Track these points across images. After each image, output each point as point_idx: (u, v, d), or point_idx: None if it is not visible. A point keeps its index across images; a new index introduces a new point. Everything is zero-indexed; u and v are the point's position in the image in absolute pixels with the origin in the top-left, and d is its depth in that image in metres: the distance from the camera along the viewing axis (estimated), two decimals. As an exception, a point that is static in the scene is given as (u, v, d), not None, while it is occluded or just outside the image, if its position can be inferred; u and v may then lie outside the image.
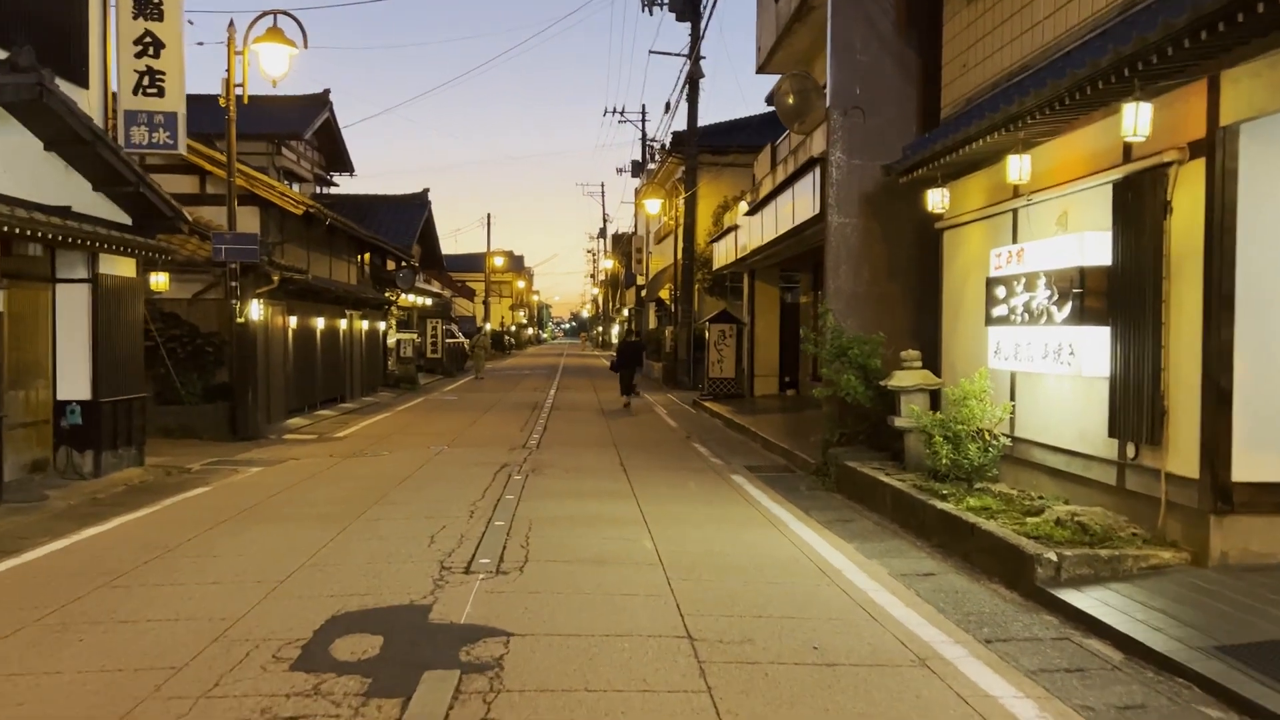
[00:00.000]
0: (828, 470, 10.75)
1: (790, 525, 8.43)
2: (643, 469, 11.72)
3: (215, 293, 15.49)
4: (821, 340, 11.32)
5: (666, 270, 33.05)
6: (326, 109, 31.88)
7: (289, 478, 11.04)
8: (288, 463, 12.46)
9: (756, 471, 11.82)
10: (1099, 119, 7.34)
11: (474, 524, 8.12)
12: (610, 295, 77.22)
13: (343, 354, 22.31)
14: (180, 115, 11.58)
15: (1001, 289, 8.40)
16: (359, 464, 12.32)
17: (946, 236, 10.50)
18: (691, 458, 13.21)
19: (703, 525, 8.29)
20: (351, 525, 8.13)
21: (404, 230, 32.36)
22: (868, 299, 11.57)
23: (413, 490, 10.01)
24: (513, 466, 11.76)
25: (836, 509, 9.34)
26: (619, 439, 15.21)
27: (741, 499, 9.80)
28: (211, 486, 10.49)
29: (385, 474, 11.22)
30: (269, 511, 8.91)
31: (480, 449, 13.74)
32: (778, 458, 13.26)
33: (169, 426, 14.73)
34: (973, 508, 7.52)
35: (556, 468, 11.74)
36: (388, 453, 13.47)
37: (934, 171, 9.70)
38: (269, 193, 16.79)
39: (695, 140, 28.44)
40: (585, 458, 12.80)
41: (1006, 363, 8.46)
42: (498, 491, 9.85)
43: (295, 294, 18.24)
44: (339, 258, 23.36)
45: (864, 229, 11.56)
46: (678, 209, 30.49)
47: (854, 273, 11.58)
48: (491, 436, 15.49)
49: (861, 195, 11.53)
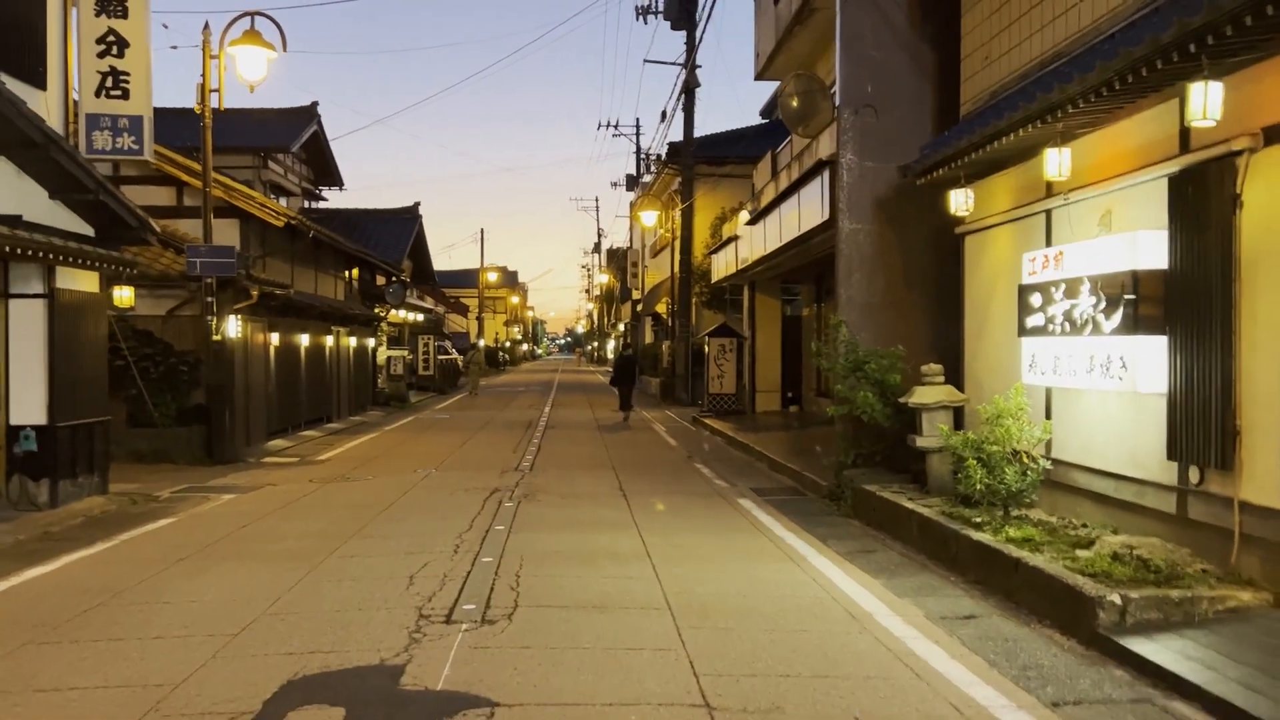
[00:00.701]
0: (842, 494, 9.99)
1: (809, 558, 7.65)
2: (643, 494, 10.95)
3: (191, 309, 14.71)
4: (834, 354, 10.57)
5: (663, 284, 32.34)
6: (314, 121, 31.18)
7: (262, 506, 10.25)
8: (264, 489, 11.66)
9: (764, 495, 11.05)
10: (1148, 107, 6.63)
11: (459, 561, 7.33)
12: (605, 310, 76.53)
13: (329, 372, 21.52)
14: (146, 119, 10.83)
15: (1037, 296, 7.67)
16: (339, 490, 11.52)
17: (969, 242, 9.78)
18: (694, 480, 12.43)
19: (713, 560, 7.51)
20: (323, 563, 7.34)
21: (394, 245, 31.63)
22: (882, 309, 10.83)
23: (394, 521, 9.22)
24: (504, 492, 10.97)
25: (856, 538, 8.58)
26: (617, 460, 14.43)
27: (752, 527, 9.02)
28: (177, 517, 9.69)
29: (366, 502, 10.43)
30: (235, 547, 8.11)
31: (470, 472, 12.95)
32: (785, 479, 12.49)
33: (141, 450, 13.92)
34: (1013, 539, 6.76)
35: (551, 493, 10.96)
36: (371, 477, 12.67)
37: (956, 171, 8.98)
38: (248, 204, 16.05)
39: (692, 151, 27.77)
40: (582, 481, 12.02)
41: (1043, 377, 7.71)
42: (487, 521, 9.06)
43: (277, 310, 17.46)
44: (325, 273, 22.60)
45: (877, 235, 10.84)
46: (674, 221, 29.80)
47: (867, 282, 10.84)
48: (482, 458, 14.70)
49: (874, 199, 10.81)
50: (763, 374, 21.28)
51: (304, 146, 31.51)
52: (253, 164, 28.37)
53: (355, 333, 24.23)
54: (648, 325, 41.14)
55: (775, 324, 21.38)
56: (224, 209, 16.42)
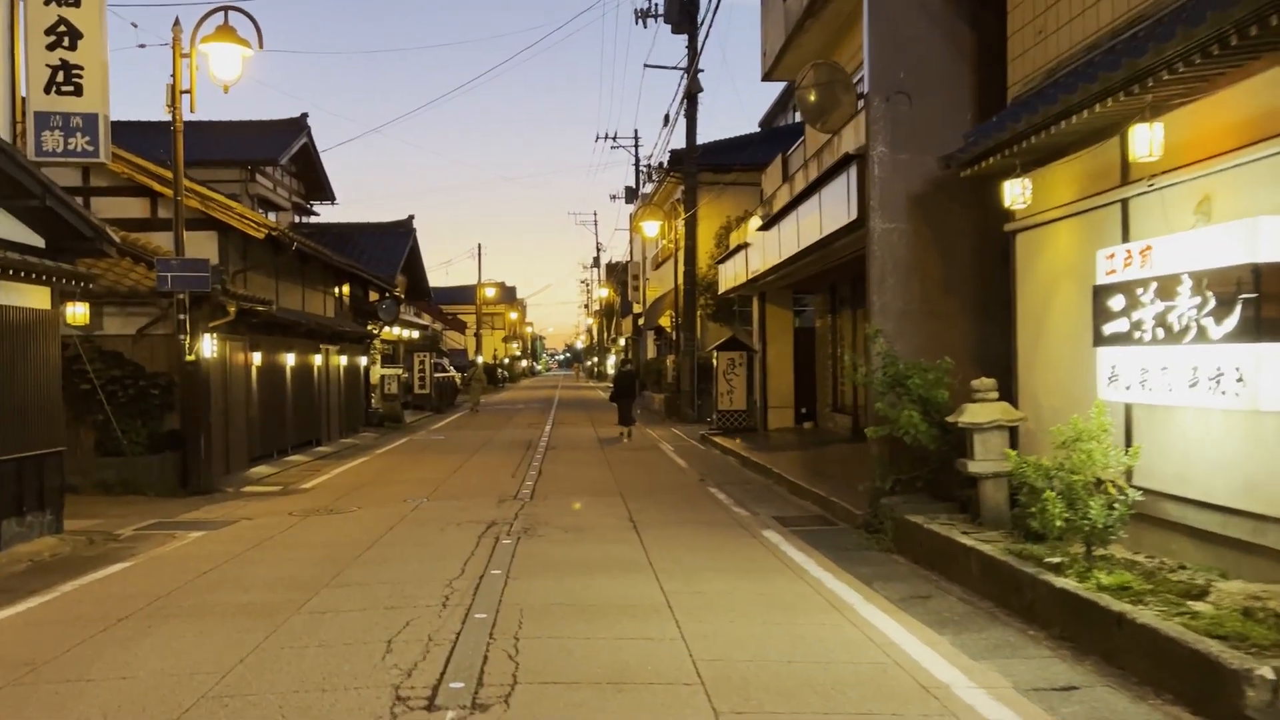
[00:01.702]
0: (881, 525, 8.89)
1: (856, 607, 6.56)
2: (656, 525, 9.85)
3: (164, 328, 13.62)
4: (868, 368, 9.49)
5: (666, 296, 31.30)
6: (304, 133, 30.18)
7: (231, 546, 9.14)
8: (238, 524, 10.57)
9: (790, 525, 9.95)
10: (1260, 70, 5.58)
11: (448, 618, 6.22)
12: (605, 325, 75.45)
13: (318, 393, 20.43)
14: (102, 117, 9.79)
15: (1118, 299, 6.59)
16: (319, 526, 10.42)
17: (1021, 240, 8.72)
18: (710, 508, 11.33)
19: (746, 612, 6.41)
20: (288, 622, 6.24)
21: (387, 259, 30.55)
22: (920, 317, 9.76)
23: (376, 564, 8.11)
24: (501, 526, 9.87)
25: (905, 579, 7.48)
26: (625, 485, 13.33)
27: (783, 566, 7.92)
28: (134, 561, 8.59)
29: (348, 539, 9.33)
30: (190, 599, 7.01)
31: (465, 501, 11.85)
32: (810, 505, 11.39)
33: (108, 481, 12.82)
34: (1107, 586, 5.66)
35: (554, 526, 9.86)
36: (357, 508, 11.57)
37: (1011, 159, 7.92)
38: (227, 215, 15.00)
39: (695, 158, 26.77)
40: (588, 511, 10.93)
41: (1127, 393, 6.63)
42: (481, 563, 7.95)
43: (260, 328, 16.39)
44: (314, 289, 21.54)
45: (913, 235, 9.78)
46: (677, 231, 28.79)
47: (903, 287, 9.78)
48: (479, 484, 13.60)
49: (909, 196, 9.76)
50: (774, 389, 20.19)
51: (293, 159, 30.51)
52: (239, 178, 27.33)
53: (346, 351, 23.16)
54: (650, 340, 40.08)
55: (787, 336, 20.30)
56: (201, 220, 15.37)
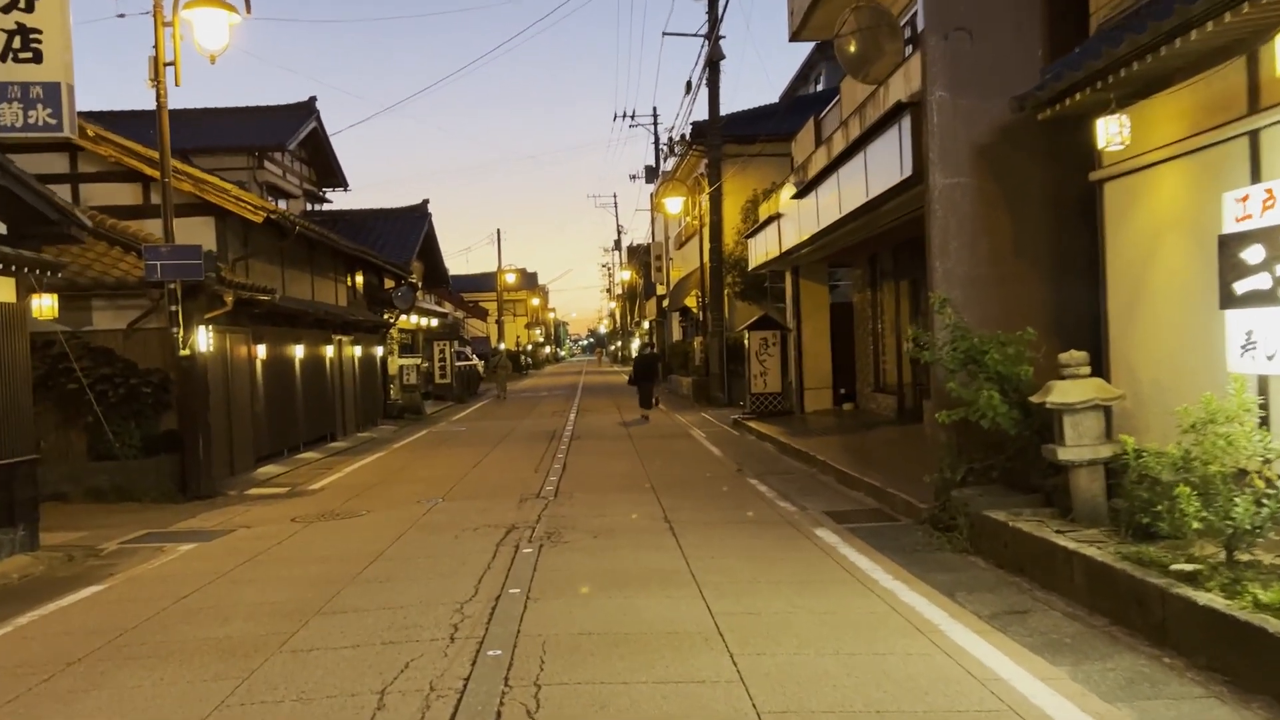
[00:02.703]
0: (953, 521, 7.78)
1: (943, 627, 5.47)
2: (695, 526, 8.79)
3: (156, 321, 12.66)
4: (930, 342, 8.34)
5: (692, 275, 30.16)
6: (313, 117, 29.28)
7: (221, 562, 8.17)
8: (234, 534, 9.61)
9: (845, 522, 8.87)
10: None
11: (455, 656, 5.19)
12: (628, 309, 74.34)
13: (331, 385, 19.49)
14: (65, 87, 8.76)
15: (1256, 250, 5.42)
16: (322, 535, 9.43)
17: (1112, 190, 7.55)
18: (754, 502, 10.25)
19: (813, 639, 5.33)
20: (267, 665, 5.23)
21: (402, 245, 29.59)
22: (988, 283, 8.61)
23: (378, 584, 7.09)
24: (522, 531, 8.84)
25: (992, 588, 6.38)
26: (656, 478, 12.27)
27: (848, 575, 6.84)
28: (110, 583, 7.64)
29: (350, 551, 8.32)
30: (159, 634, 6.02)
31: (483, 501, 10.83)
32: (863, 497, 10.29)
33: (101, 488, 11.91)
34: (1268, 605, 4.55)
35: (580, 530, 8.81)
36: (365, 512, 10.58)
37: (1104, 93, 6.75)
38: (222, 198, 14.02)
39: (719, 129, 25.56)
40: (617, 509, 9.87)
41: (1270, 364, 5.47)
42: (498, 580, 6.92)
43: (263, 319, 15.44)
44: (324, 277, 20.57)
45: (978, 191, 8.62)
46: (701, 207, 27.60)
47: (968, 250, 8.63)
48: (499, 482, 12.58)
49: (973, 147, 8.60)
50: (811, 369, 19.04)
51: (303, 145, 29.63)
52: (247, 164, 26.47)
53: (360, 341, 22.21)
54: (675, 321, 38.96)
55: (823, 313, 19.12)
56: (196, 205, 14.41)
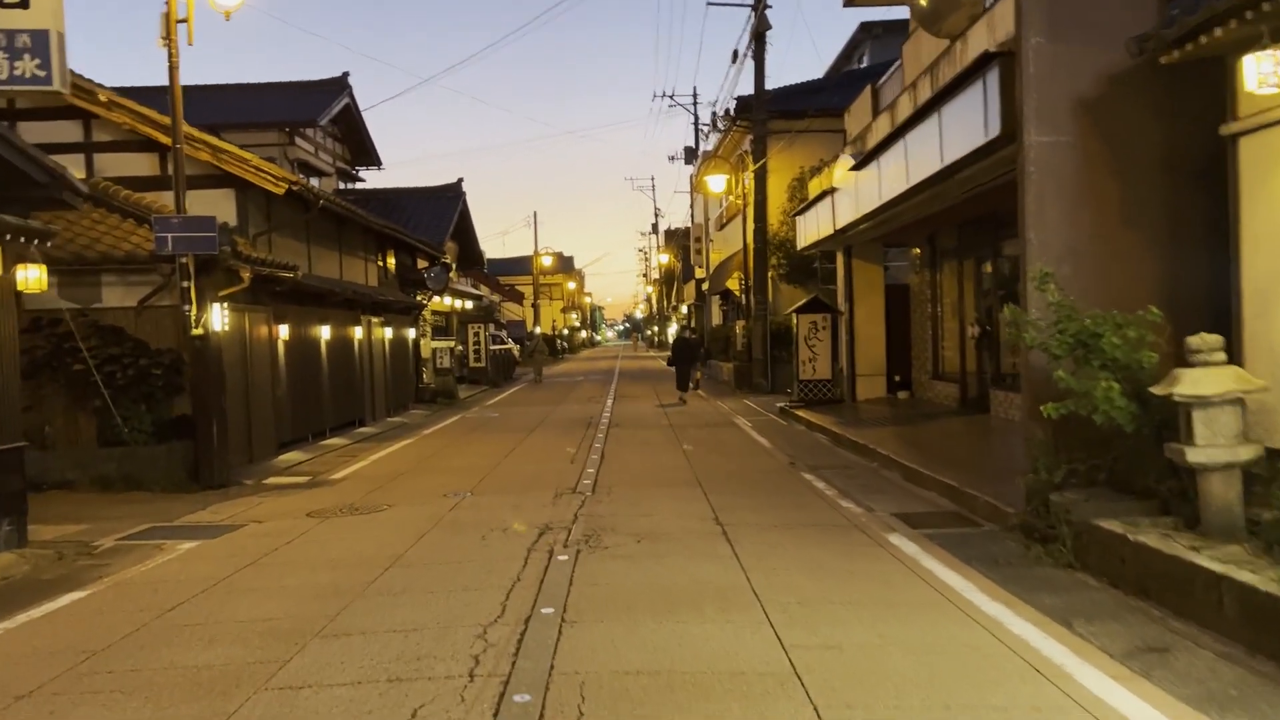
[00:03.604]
0: (1052, 530, 6.71)
1: (1069, 669, 4.46)
2: (751, 530, 7.79)
3: (169, 298, 11.86)
4: (1023, 322, 7.25)
5: (734, 257, 29.06)
6: (345, 93, 28.42)
7: (221, 565, 7.31)
8: (243, 530, 8.77)
9: (921, 527, 7.84)
10: None
11: (474, 703, 4.24)
12: (665, 293, 73.27)
13: (359, 368, 18.69)
14: (55, 34, 7.91)
15: None
16: (337, 533, 8.56)
17: (1249, 146, 6.42)
18: (812, 502, 9.24)
19: (915, 686, 4.32)
20: (244, 708, 4.32)
21: (436, 225, 28.74)
22: (1090, 256, 7.50)
23: (392, 597, 6.18)
24: (557, 531, 7.90)
25: (1113, 614, 5.34)
26: (702, 471, 11.29)
27: (939, 596, 5.82)
28: (94, 589, 6.80)
29: (365, 554, 7.43)
30: (130, 660, 5.14)
31: (515, 496, 9.91)
32: (936, 497, 9.24)
33: (108, 476, 11.15)
34: None
35: (621, 532, 7.85)
36: (387, 506, 9.70)
37: (1254, 25, 5.63)
38: (242, 168, 13.18)
39: (765, 104, 24.41)
40: (662, 510, 8.90)
41: None
42: (528, 597, 5.98)
43: (286, 297, 14.62)
44: (353, 255, 19.77)
45: (1080, 150, 7.50)
46: (745, 186, 26.47)
47: (1067, 218, 7.52)
48: (533, 473, 11.66)
49: (1074, 100, 7.47)
50: (864, 354, 17.92)
51: (335, 121, 28.80)
52: (278, 141, 25.68)
53: (391, 323, 21.40)
54: (715, 305, 37.86)
55: (877, 295, 17.98)
56: (215, 177, 13.62)
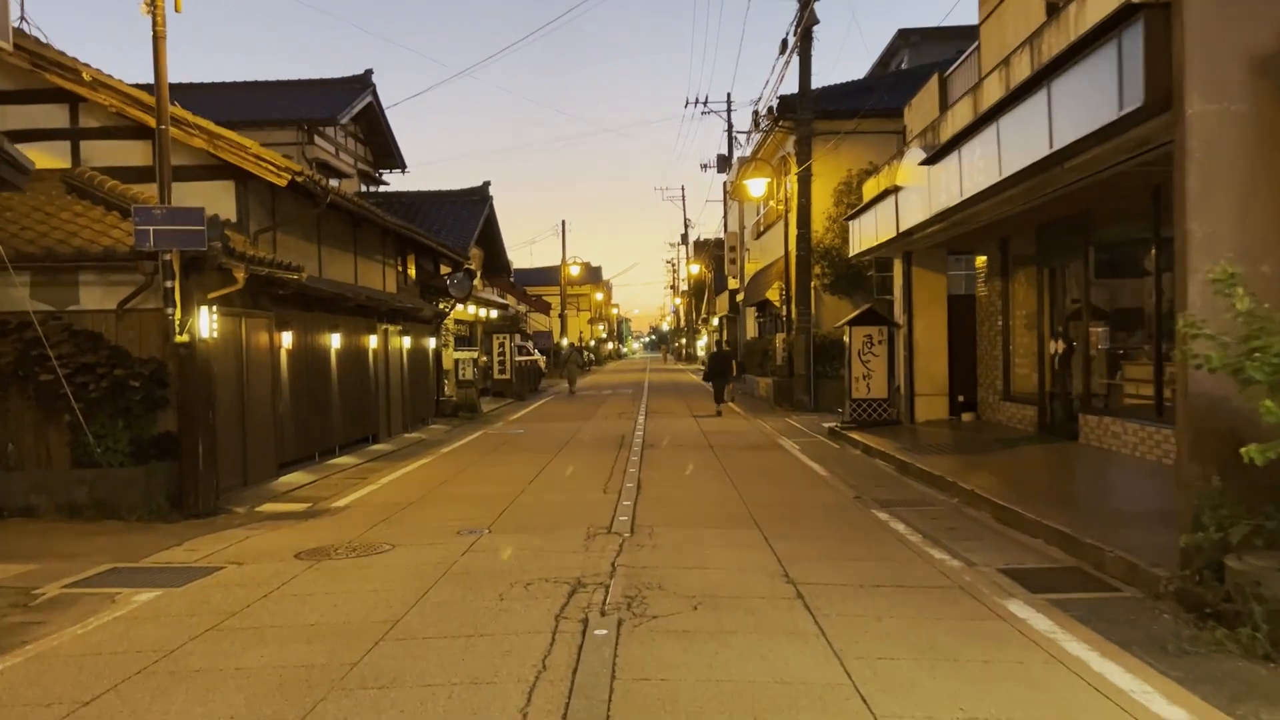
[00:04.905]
0: (1231, 605, 5.16)
1: None
2: (832, 592, 6.26)
3: (154, 300, 10.52)
4: (1199, 336, 5.69)
5: (774, 266, 27.53)
6: (368, 91, 27.21)
7: (176, 628, 5.88)
8: (218, 574, 7.35)
9: (1041, 589, 6.30)
10: None
11: None
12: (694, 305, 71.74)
13: (373, 380, 17.31)
14: (-6, -19, 6.57)
15: None
16: (326, 581, 7.09)
17: None
18: (896, 550, 7.69)
19: None
20: None
21: (461, 230, 27.48)
22: (1267, 255, 5.95)
23: (376, 693, 4.69)
24: (591, 590, 6.40)
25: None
26: (755, 505, 9.78)
27: (1111, 705, 4.27)
28: (8, 660, 5.38)
29: (353, 619, 5.97)
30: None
31: (540, 537, 8.43)
32: (1041, 543, 7.69)
33: (77, 502, 9.80)
34: None
35: (672, 593, 6.33)
36: (390, 546, 8.25)
37: None
38: (240, 156, 11.82)
39: (810, 102, 22.91)
40: (717, 560, 7.38)
41: None
42: (556, 702, 4.46)
43: (291, 301, 13.27)
44: (369, 259, 18.43)
45: (1257, 123, 5.95)
46: (787, 190, 24.96)
47: (1238, 206, 5.97)
48: (561, 504, 10.19)
49: (1249, 59, 5.94)
50: (924, 371, 16.33)
51: (357, 121, 27.60)
52: (296, 139, 24.47)
53: (410, 332, 20.04)
54: (750, 317, 36.30)
55: (939, 306, 16.40)
56: (213, 167, 12.28)
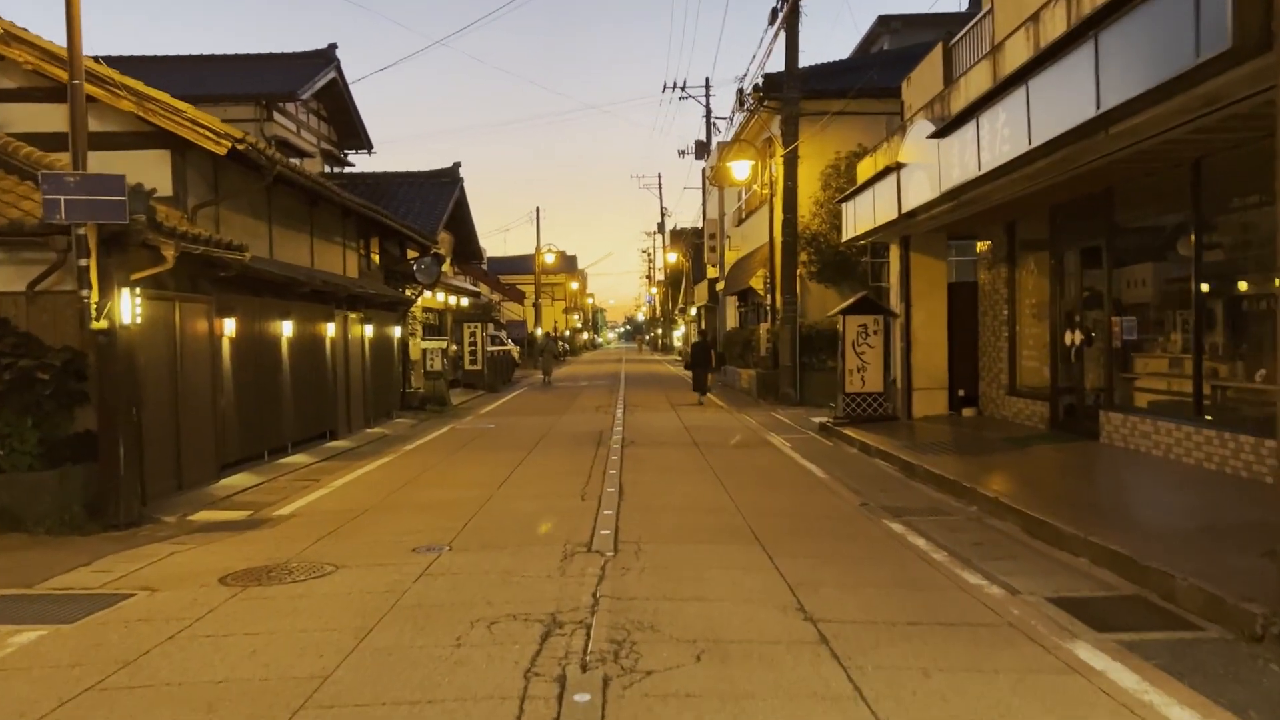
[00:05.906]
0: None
1: None
2: (861, 632, 5.17)
3: (69, 281, 9.26)
4: None
5: (757, 253, 26.45)
6: (332, 66, 25.83)
7: (46, 689, 4.69)
8: (124, 605, 6.16)
9: (1105, 626, 5.26)
10: None
11: None
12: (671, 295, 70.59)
13: (332, 372, 16.05)
14: None
15: None
16: (248, 617, 5.90)
17: None
18: (923, 573, 6.61)
19: None
20: None
21: (429, 213, 26.19)
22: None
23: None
24: (569, 633, 5.26)
25: None
26: (752, 514, 8.68)
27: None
28: None
29: (270, 676, 4.80)
30: None
31: (509, 555, 7.28)
32: (1086, 562, 6.64)
33: (-22, 512, 8.55)
34: None
35: (667, 637, 5.20)
36: (333, 569, 7.06)
37: None
38: (175, 121, 10.54)
39: (797, 80, 21.81)
40: (717, 588, 6.26)
41: None
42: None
43: (235, 284, 12.01)
44: (328, 240, 17.15)
45: (1383, 66, 4.90)
46: (772, 174, 23.87)
47: (1361, 171, 4.92)
48: (532, 515, 9.04)
49: (1374, -13, 4.88)
50: (922, 364, 15.31)
51: (320, 98, 26.21)
52: (254, 116, 23.05)
53: (373, 319, 18.76)
54: (731, 306, 35.23)
55: (939, 294, 15.37)
56: (146, 135, 11.04)
